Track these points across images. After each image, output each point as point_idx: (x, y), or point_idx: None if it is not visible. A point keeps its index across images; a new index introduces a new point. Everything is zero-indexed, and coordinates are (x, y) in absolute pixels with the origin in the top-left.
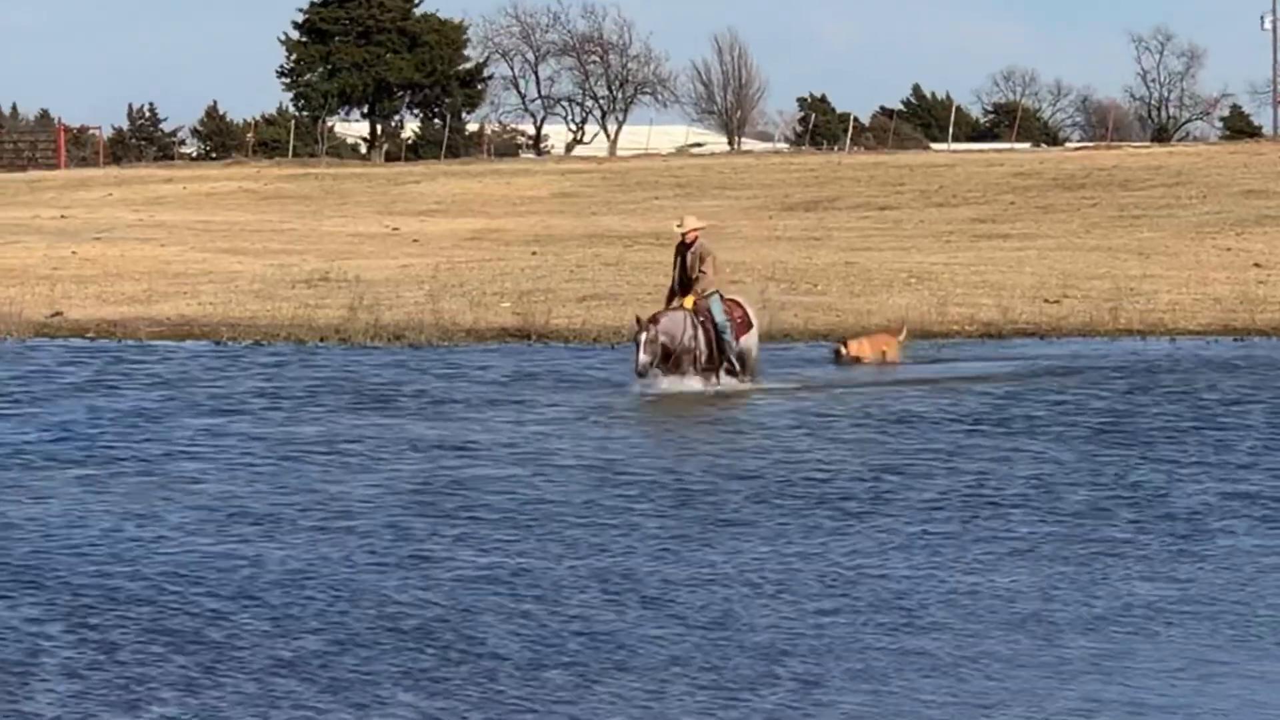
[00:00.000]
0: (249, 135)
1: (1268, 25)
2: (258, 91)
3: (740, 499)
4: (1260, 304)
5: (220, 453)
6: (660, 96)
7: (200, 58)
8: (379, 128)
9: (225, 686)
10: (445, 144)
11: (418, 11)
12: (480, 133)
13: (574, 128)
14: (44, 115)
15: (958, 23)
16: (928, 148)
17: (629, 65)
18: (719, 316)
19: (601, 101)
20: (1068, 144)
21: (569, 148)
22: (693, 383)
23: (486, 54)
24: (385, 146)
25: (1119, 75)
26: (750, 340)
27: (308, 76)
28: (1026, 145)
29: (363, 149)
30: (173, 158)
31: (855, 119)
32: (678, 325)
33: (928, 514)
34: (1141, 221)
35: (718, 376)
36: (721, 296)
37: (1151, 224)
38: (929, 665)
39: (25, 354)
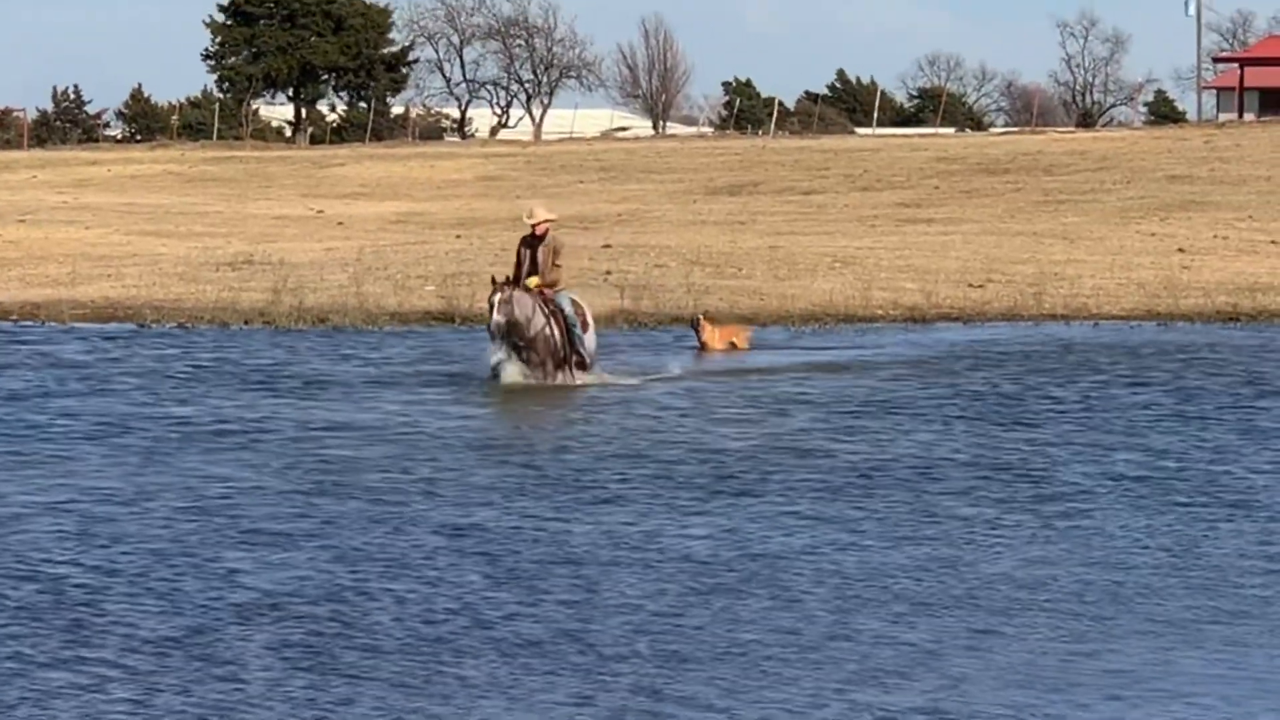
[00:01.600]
0: (174, 118)
1: (1191, 11)
2: (183, 74)
3: (608, 476)
4: (1184, 289)
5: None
6: (585, 80)
7: (125, 40)
8: (304, 111)
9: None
10: (370, 127)
11: None
12: (405, 116)
13: (499, 111)
14: None
15: (883, 7)
16: (852, 132)
17: (554, 49)
18: (568, 309)
19: (526, 85)
20: (992, 129)
21: (493, 131)
22: (545, 375)
23: (411, 37)
24: (310, 130)
25: (1044, 60)
26: (590, 339)
27: (232, 59)
28: (951, 130)
29: (288, 132)
30: (97, 140)
31: (780, 103)
32: (528, 305)
33: (806, 494)
34: (1066, 206)
35: (570, 370)
36: (570, 297)
37: (1076, 209)
38: (798, 643)
39: None
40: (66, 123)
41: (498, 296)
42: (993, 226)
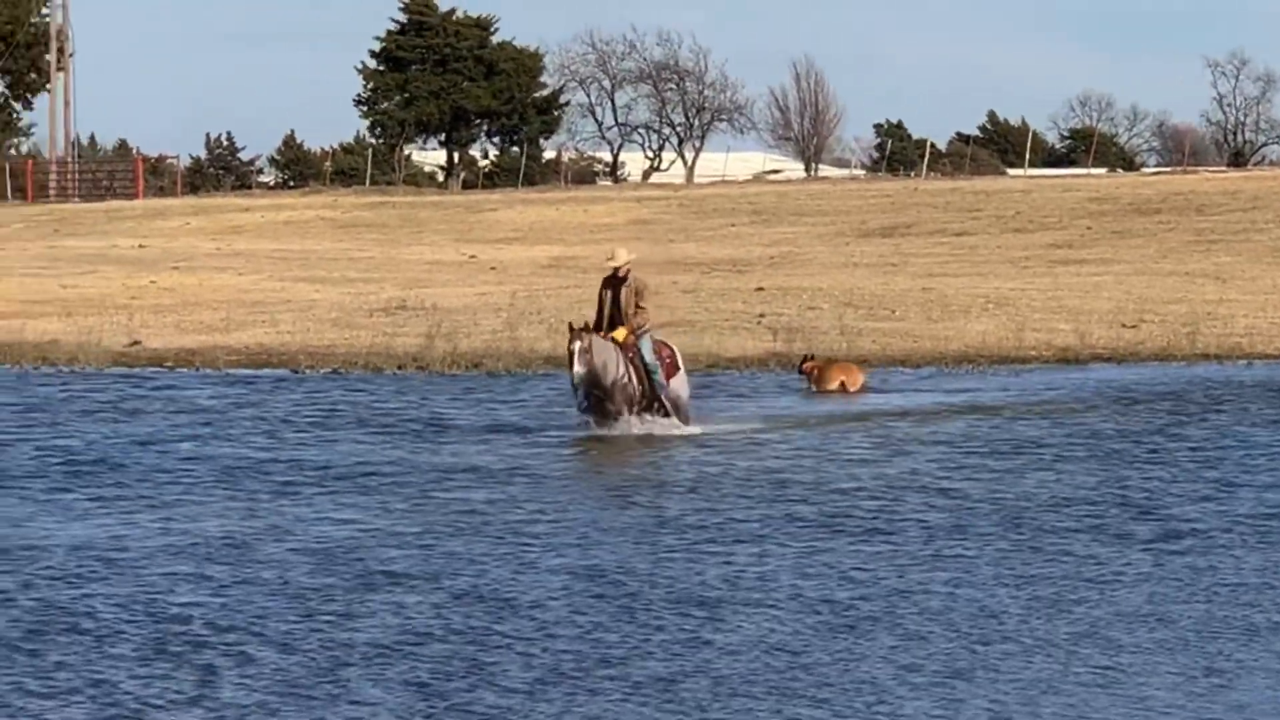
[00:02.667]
0: (326, 164)
1: None
2: (335, 120)
3: (729, 516)
4: None
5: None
6: (737, 123)
7: (278, 87)
8: (456, 156)
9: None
10: (522, 172)
11: (494, 39)
12: (557, 160)
13: (651, 155)
14: (122, 145)
15: (1034, 48)
16: (1004, 173)
17: (705, 92)
18: (648, 356)
19: (678, 129)
20: (1144, 169)
21: (646, 175)
22: (628, 424)
23: (563, 81)
24: (462, 175)
25: (1195, 100)
26: (679, 384)
27: (385, 105)
28: (1103, 170)
29: (440, 177)
30: (250, 187)
31: (932, 145)
32: (609, 353)
33: (927, 533)
34: (1218, 246)
35: (650, 415)
36: (651, 336)
37: (1228, 248)
38: (918, 681)
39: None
40: (220, 169)
41: (577, 345)
42: (1145, 267)
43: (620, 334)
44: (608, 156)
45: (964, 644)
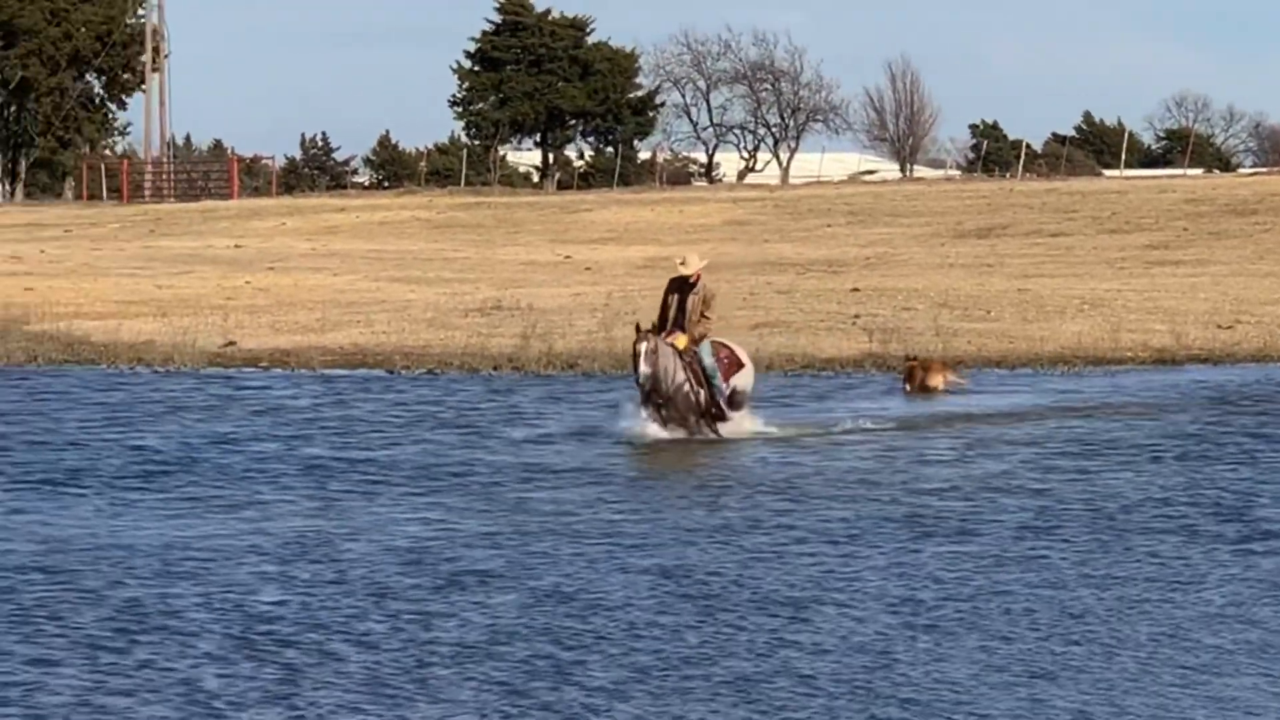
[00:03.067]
0: (421, 164)
1: None
2: (430, 120)
3: (812, 516)
4: None
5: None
6: (832, 124)
7: (373, 87)
8: (551, 156)
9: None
10: (617, 172)
11: (590, 40)
12: (652, 161)
13: (746, 155)
14: (217, 145)
15: (1129, 49)
16: (1100, 174)
17: (801, 93)
18: (708, 361)
19: (773, 129)
20: (1240, 170)
21: (741, 175)
22: (687, 429)
23: (658, 82)
24: (557, 175)
25: None
26: (743, 379)
27: (480, 105)
28: (1199, 171)
29: (535, 178)
30: (345, 187)
31: (1027, 145)
32: (669, 358)
33: (1011, 533)
34: None
35: (710, 423)
36: (710, 343)
37: None
38: (1004, 681)
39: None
40: (315, 170)
41: (643, 346)
42: (1241, 268)
43: (681, 341)
44: (703, 157)
45: (1048, 644)
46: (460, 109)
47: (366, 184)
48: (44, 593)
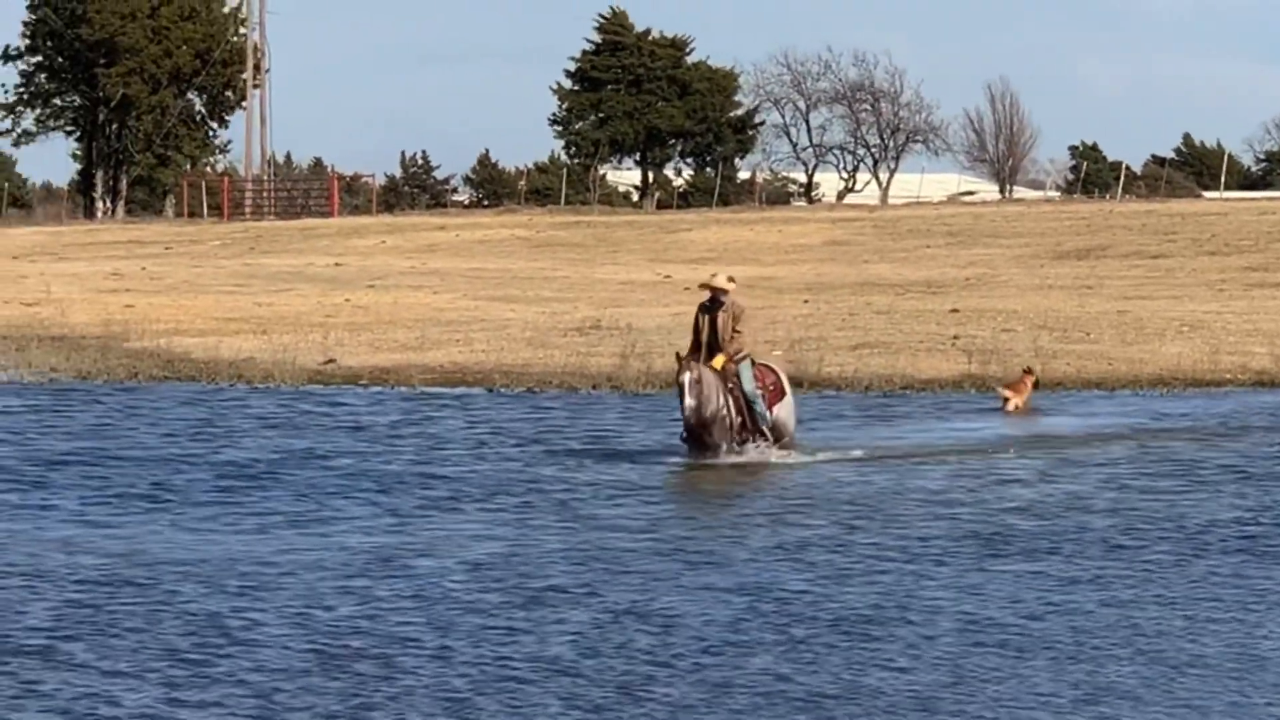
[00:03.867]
0: (521, 183)
1: None
2: (530, 139)
3: (886, 538)
4: None
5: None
6: (932, 144)
7: (473, 106)
8: (650, 175)
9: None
10: (716, 192)
11: (689, 59)
12: (751, 181)
13: (845, 175)
14: (317, 163)
15: (1229, 70)
16: (1199, 196)
17: (900, 113)
18: (748, 385)
19: (873, 149)
20: None
21: (840, 195)
22: (725, 455)
23: (758, 101)
24: (657, 194)
25: None
26: (784, 410)
27: (579, 124)
28: None
29: (634, 196)
30: (445, 205)
31: (1127, 167)
32: (710, 385)
33: (1084, 554)
34: None
35: (749, 443)
36: (753, 362)
37: None
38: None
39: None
40: (415, 188)
41: (687, 377)
42: None
43: (718, 362)
44: (802, 177)
45: (1123, 663)
46: (560, 128)
47: (466, 203)
48: (120, 606)
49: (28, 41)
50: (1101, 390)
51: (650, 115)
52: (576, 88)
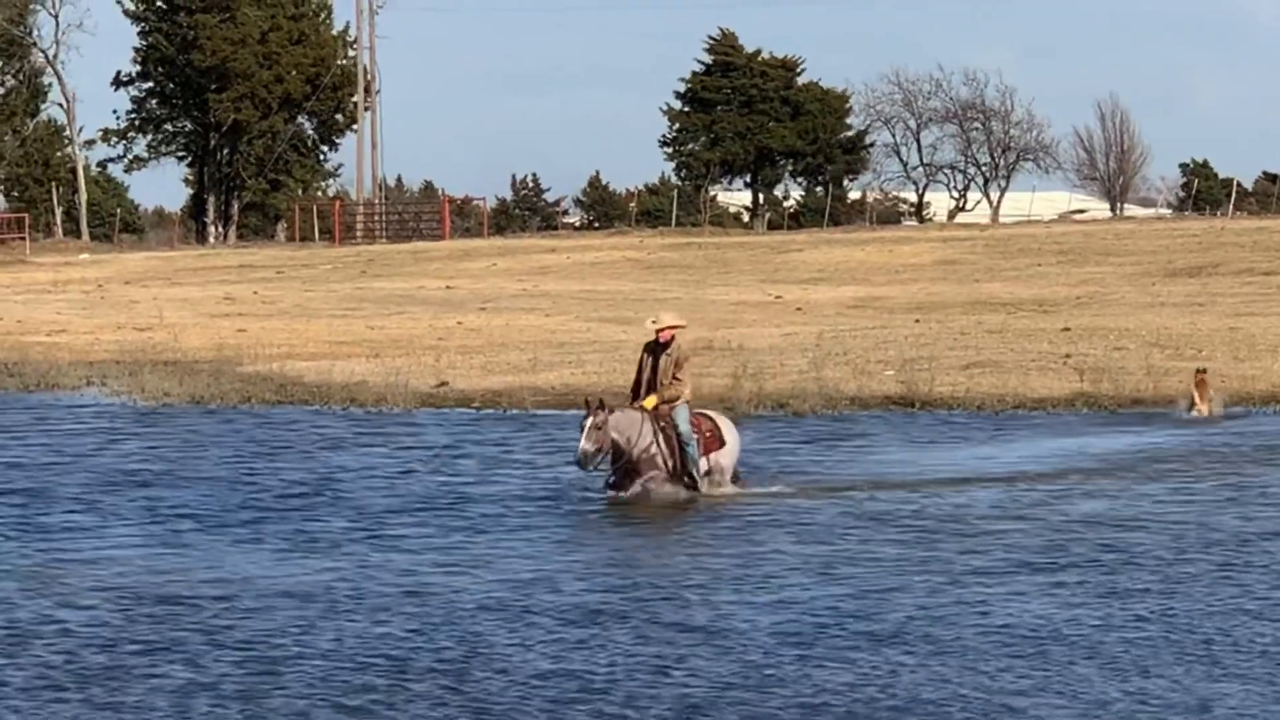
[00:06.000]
0: (632, 205)
1: None
2: (640, 161)
3: (948, 550)
4: None
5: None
6: (1042, 163)
7: (583, 128)
8: (761, 196)
9: None
10: (827, 212)
11: (800, 80)
12: (862, 200)
13: (956, 194)
14: (428, 187)
15: None
16: None
17: (1011, 132)
18: (684, 427)
19: (984, 168)
20: None
21: (951, 215)
22: (664, 489)
23: (868, 121)
24: (767, 214)
25: None
26: (725, 458)
27: (690, 145)
28: None
29: (745, 217)
30: (556, 227)
31: (1238, 184)
32: (634, 425)
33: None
34: None
35: (682, 486)
36: (690, 408)
37: None
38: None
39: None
40: (525, 211)
41: (589, 421)
42: None
43: (649, 402)
44: (913, 196)
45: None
46: (671, 149)
47: (577, 224)
48: (148, 630)
49: (139, 68)
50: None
51: (761, 136)
52: (687, 109)
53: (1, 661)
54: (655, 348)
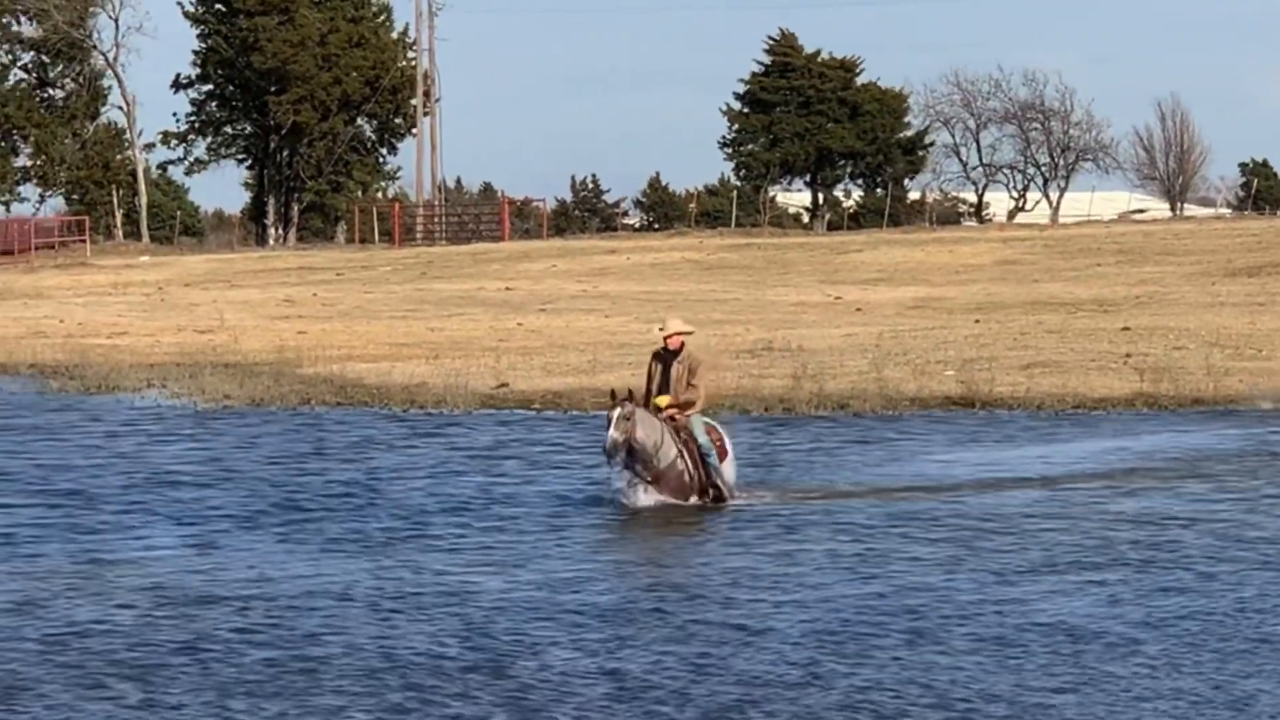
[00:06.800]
0: (691, 206)
1: None
2: (699, 162)
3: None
4: None
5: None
6: (1102, 163)
7: (642, 130)
8: (820, 196)
9: None
10: (887, 212)
11: (859, 80)
12: (922, 201)
13: (1016, 195)
14: (488, 188)
15: None
16: None
17: (1070, 132)
18: (702, 438)
19: (1043, 168)
20: None
21: (1011, 215)
22: (681, 499)
23: (928, 122)
24: (827, 215)
25: None
26: (729, 470)
27: (749, 146)
28: None
29: (804, 218)
30: (615, 229)
31: None
32: (658, 430)
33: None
34: None
35: (703, 499)
36: (705, 422)
37: None
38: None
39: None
40: (585, 212)
41: (617, 411)
42: None
43: (663, 401)
44: (972, 197)
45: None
46: (730, 150)
47: (637, 226)
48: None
49: (199, 70)
50: (1274, 406)
51: (820, 136)
52: (746, 110)
53: (42, 660)
54: (665, 355)
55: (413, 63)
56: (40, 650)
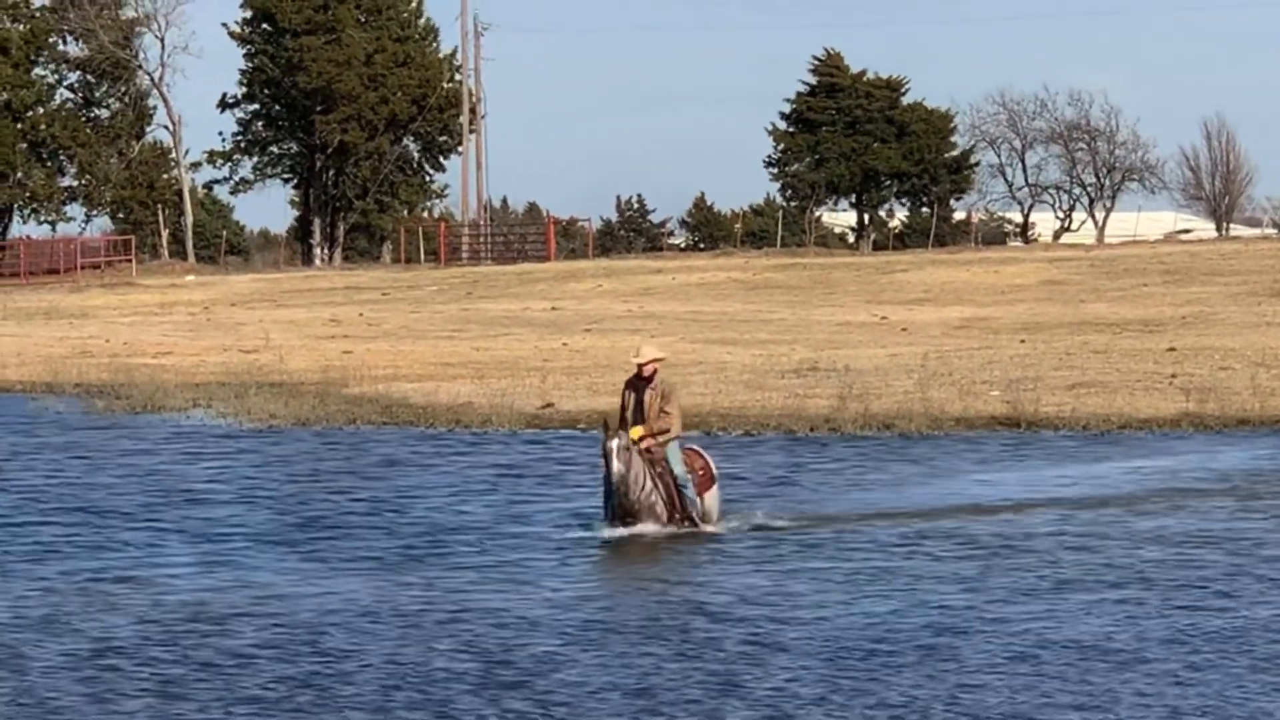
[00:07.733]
0: (737, 226)
1: None
2: (745, 182)
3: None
4: None
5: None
6: (1148, 183)
7: (688, 150)
8: (866, 216)
9: None
10: (932, 232)
11: (905, 100)
12: (967, 221)
13: (1061, 215)
14: (533, 208)
15: None
16: None
17: (1116, 152)
18: (678, 468)
19: (1089, 188)
20: None
21: (1056, 235)
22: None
23: (973, 142)
24: (873, 235)
25: None
26: (712, 500)
27: (795, 166)
28: None
29: (850, 238)
30: (661, 249)
31: None
32: (639, 465)
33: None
34: None
35: (682, 528)
36: (681, 445)
37: None
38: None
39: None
40: (630, 232)
41: (615, 443)
42: None
43: (636, 432)
44: (1018, 217)
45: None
46: (776, 170)
47: (682, 246)
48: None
49: (245, 90)
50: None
51: (866, 156)
52: (792, 130)
53: (59, 675)
54: (637, 383)
55: (459, 82)
56: (62, 666)
